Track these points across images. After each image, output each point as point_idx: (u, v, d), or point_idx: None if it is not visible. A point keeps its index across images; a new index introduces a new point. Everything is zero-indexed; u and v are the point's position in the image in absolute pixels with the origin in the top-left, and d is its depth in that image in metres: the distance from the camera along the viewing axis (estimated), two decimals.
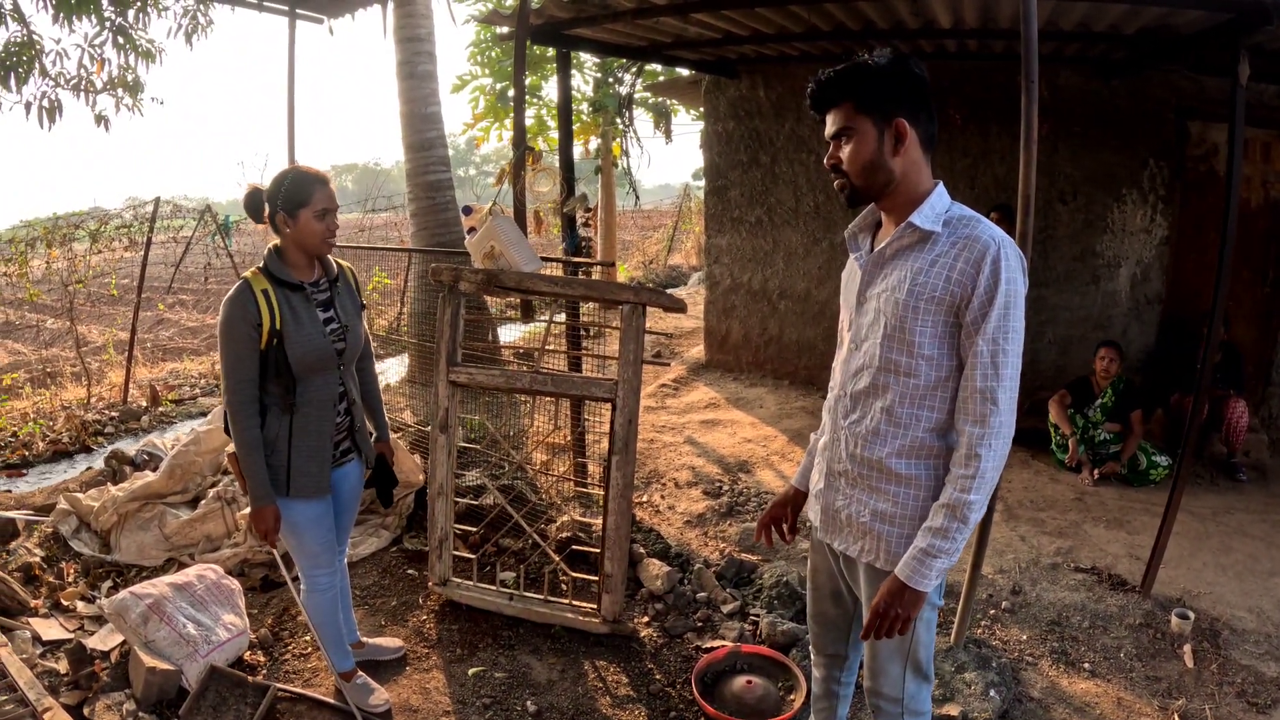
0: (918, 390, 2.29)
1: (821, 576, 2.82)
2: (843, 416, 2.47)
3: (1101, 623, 4.42)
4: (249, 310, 3.03)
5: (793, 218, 8.87)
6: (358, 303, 3.48)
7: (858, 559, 2.48)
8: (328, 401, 3.30)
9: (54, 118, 7.57)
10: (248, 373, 3.07)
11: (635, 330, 3.97)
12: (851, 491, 2.46)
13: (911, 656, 2.52)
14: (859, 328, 2.42)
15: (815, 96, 2.33)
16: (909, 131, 2.23)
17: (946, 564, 2.22)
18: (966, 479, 2.18)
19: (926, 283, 2.22)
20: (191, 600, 4.06)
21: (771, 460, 6.83)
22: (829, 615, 2.87)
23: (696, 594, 4.68)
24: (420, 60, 8.40)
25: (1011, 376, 2.17)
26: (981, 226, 2.21)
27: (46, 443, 8.10)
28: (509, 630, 4.32)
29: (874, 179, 2.27)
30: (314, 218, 3.10)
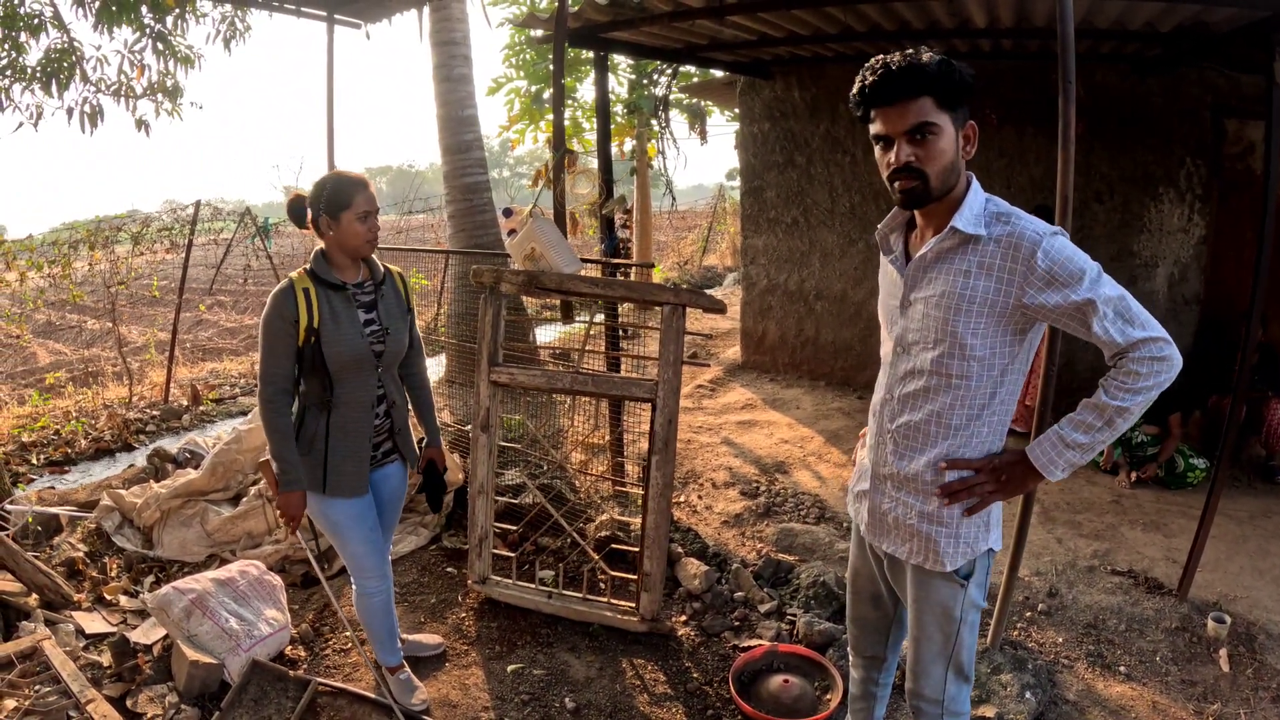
0: (970, 394, 2.28)
1: (862, 580, 2.83)
2: (889, 420, 2.46)
3: (1138, 626, 4.38)
4: (288, 308, 3.12)
5: (829, 218, 8.85)
6: (404, 307, 3.52)
7: (906, 560, 2.48)
8: (366, 402, 3.35)
9: (95, 122, 7.64)
10: (281, 367, 3.16)
11: (675, 331, 3.98)
12: (898, 495, 2.46)
13: (954, 658, 2.52)
14: (904, 331, 2.39)
15: (882, 86, 2.16)
16: (975, 134, 2.22)
17: (1080, 460, 2.21)
18: (1123, 390, 2.14)
19: (976, 285, 2.19)
20: (234, 595, 4.12)
21: (808, 461, 6.83)
22: (868, 618, 2.89)
23: (734, 593, 4.68)
24: (456, 64, 8.46)
25: (1141, 310, 2.14)
26: (1022, 223, 2.17)
27: (89, 440, 8.22)
28: (547, 628, 4.35)
29: (949, 180, 2.20)
30: (356, 220, 3.16)
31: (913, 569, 2.48)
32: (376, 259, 3.43)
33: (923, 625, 2.53)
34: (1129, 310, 2.12)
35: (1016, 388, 2.33)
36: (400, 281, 3.55)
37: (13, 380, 12.00)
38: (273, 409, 3.16)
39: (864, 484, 2.61)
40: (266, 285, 18.76)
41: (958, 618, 2.45)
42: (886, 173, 2.23)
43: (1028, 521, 3.89)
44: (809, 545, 5.29)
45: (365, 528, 3.46)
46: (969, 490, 2.31)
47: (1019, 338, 2.25)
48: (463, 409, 6.70)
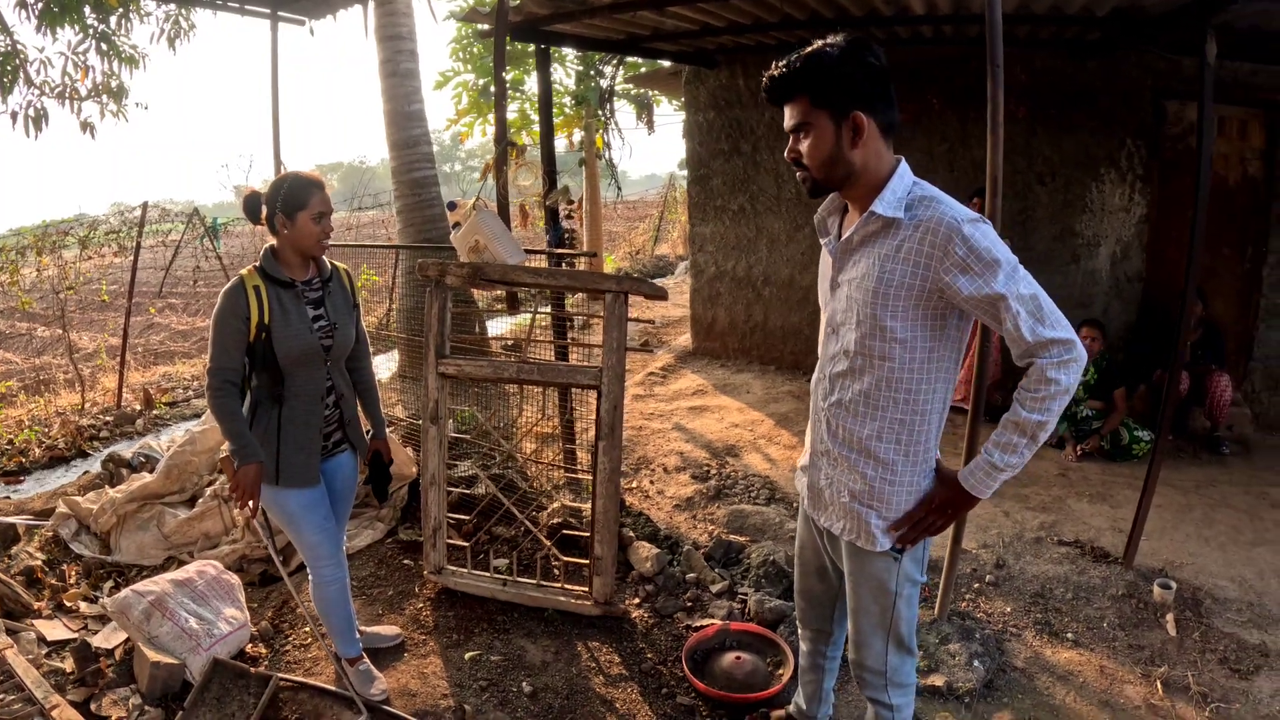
0: (893, 374, 2.36)
1: (808, 553, 2.94)
2: (822, 398, 2.58)
3: (1085, 594, 4.53)
4: (239, 304, 3.21)
5: (775, 205, 8.96)
6: (350, 303, 3.60)
7: (841, 537, 2.59)
8: (315, 395, 3.43)
9: (40, 126, 7.61)
10: (231, 360, 3.24)
11: (618, 318, 4.06)
12: (832, 471, 2.57)
13: (893, 631, 2.63)
14: (834, 313, 2.50)
15: (770, 89, 2.35)
16: (867, 124, 2.25)
17: (1007, 477, 2.32)
18: (1039, 400, 2.20)
19: (895, 269, 2.27)
20: (193, 595, 4.14)
21: (759, 444, 6.94)
22: (814, 591, 3.00)
23: (686, 575, 4.78)
24: (402, 58, 8.43)
25: (1052, 309, 2.20)
26: (943, 207, 2.23)
27: (43, 449, 8.14)
28: (503, 615, 4.42)
29: (834, 172, 2.31)
30: (311, 220, 3.25)
31: (847, 545, 2.59)
32: (325, 257, 3.50)
33: (860, 598, 2.64)
34: (1040, 309, 2.18)
35: (948, 372, 2.41)
36: (346, 278, 3.62)
37: None
38: (221, 395, 3.23)
39: (805, 459, 2.74)
40: (217, 286, 18.60)
41: (893, 591, 2.56)
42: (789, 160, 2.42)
43: None
44: (759, 526, 5.40)
45: (319, 516, 3.53)
46: (917, 530, 2.45)
47: (941, 322, 2.32)
48: (415, 403, 6.74)
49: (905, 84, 7.63)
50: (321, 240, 3.31)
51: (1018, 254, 2.23)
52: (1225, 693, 3.76)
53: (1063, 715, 3.65)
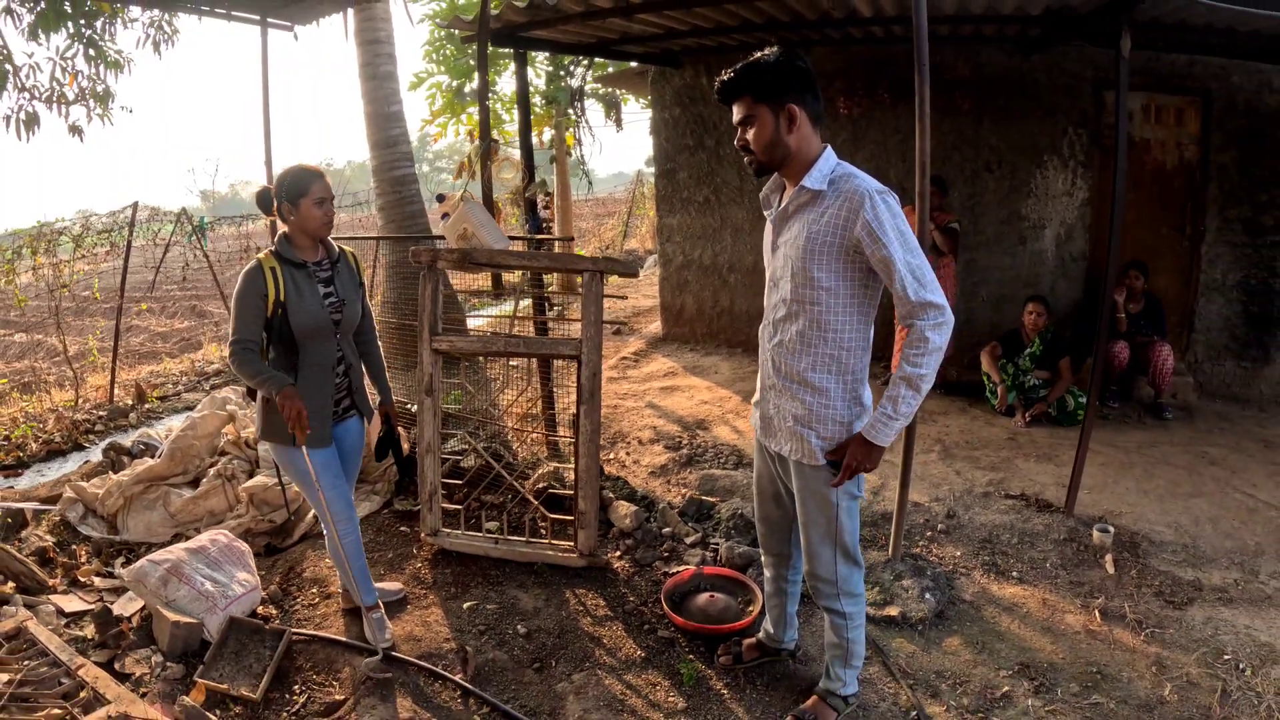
0: (822, 316, 2.88)
1: (764, 481, 3.42)
2: (767, 340, 3.11)
3: (1029, 539, 4.96)
4: (258, 283, 3.59)
5: (738, 196, 9.33)
6: (356, 281, 4.03)
7: (789, 457, 3.08)
8: (327, 365, 3.83)
9: (31, 130, 7.70)
10: (251, 331, 3.59)
11: (595, 295, 4.47)
12: (779, 401, 3.08)
13: (839, 541, 3.11)
14: (774, 270, 3.04)
15: (721, 92, 2.86)
16: (799, 113, 2.77)
17: (901, 425, 2.80)
18: (917, 355, 2.70)
19: (819, 231, 2.79)
20: (207, 561, 4.38)
21: (727, 418, 7.31)
22: (772, 517, 3.47)
23: (662, 530, 5.17)
24: (381, 61, 8.69)
25: (932, 278, 2.72)
26: (858, 180, 2.74)
27: (40, 443, 8.30)
28: (496, 570, 4.79)
29: (774, 154, 2.84)
30: (313, 205, 3.64)
31: (794, 464, 3.08)
32: (331, 241, 3.90)
33: (807, 511, 3.13)
34: (924, 277, 2.69)
35: (867, 317, 2.92)
36: (352, 259, 4.04)
37: None
38: (242, 356, 3.56)
39: (758, 394, 3.26)
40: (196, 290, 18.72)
41: (834, 502, 3.05)
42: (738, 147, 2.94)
43: (911, 446, 4.44)
44: (728, 487, 5.79)
45: (332, 474, 3.89)
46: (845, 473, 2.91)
47: (862, 275, 2.82)
48: (401, 389, 7.04)
49: (859, 80, 8.14)
50: (324, 223, 3.70)
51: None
52: (1160, 620, 4.13)
53: (1008, 640, 4.02)
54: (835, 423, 2.96)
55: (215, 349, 12.95)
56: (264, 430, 3.82)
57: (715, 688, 3.76)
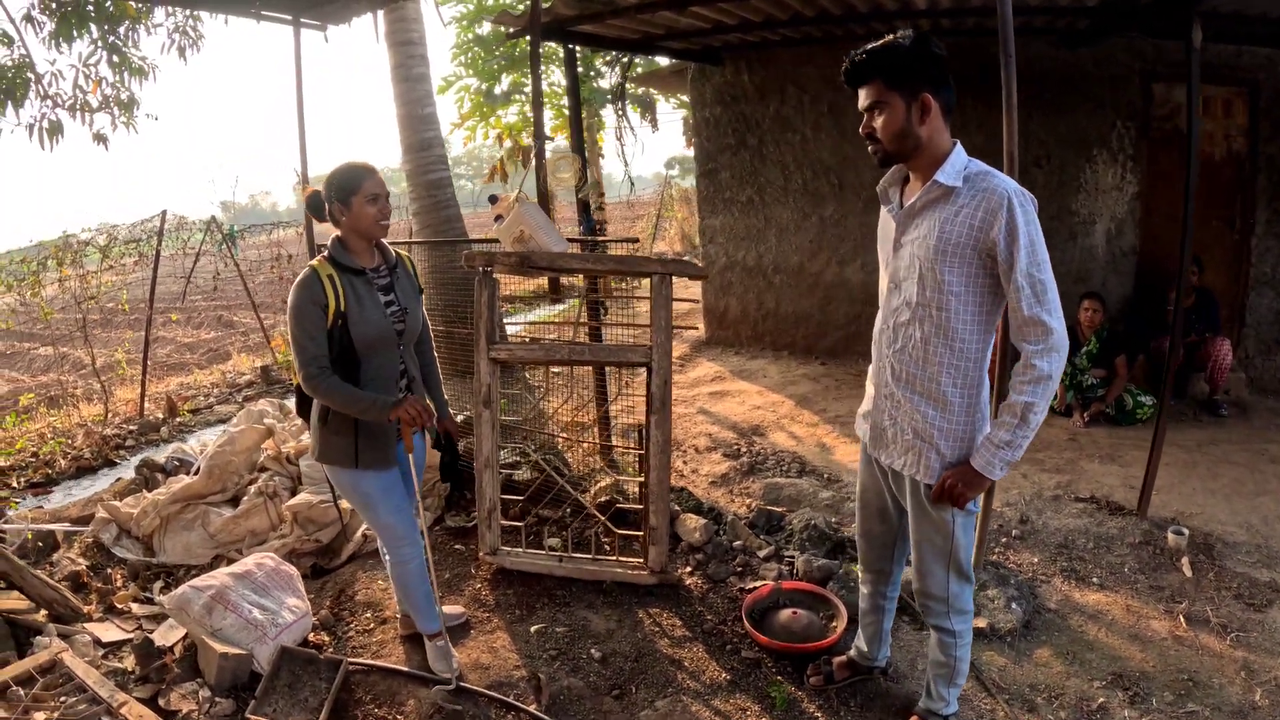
0: (949, 322, 2.66)
1: (869, 494, 3.23)
2: (887, 346, 2.88)
3: (1104, 543, 4.81)
4: (316, 292, 3.26)
5: (782, 195, 9.18)
6: (416, 287, 3.72)
7: (903, 472, 2.89)
8: (390, 379, 3.52)
9: (55, 138, 7.58)
10: (320, 348, 3.27)
11: (664, 298, 4.22)
12: (895, 412, 2.88)
13: (953, 559, 2.92)
14: (896, 270, 2.81)
15: (849, 74, 2.65)
16: (933, 103, 2.57)
17: (1011, 457, 2.61)
18: (1025, 383, 2.54)
19: (952, 231, 2.58)
20: (253, 587, 4.17)
21: (782, 424, 7.13)
22: (875, 532, 3.28)
23: (733, 543, 4.94)
24: (414, 63, 8.53)
25: (1053, 299, 2.52)
26: (996, 180, 2.54)
27: (69, 460, 8.14)
28: (562, 590, 4.55)
29: (903, 145, 2.63)
30: (365, 202, 3.33)
31: (909, 481, 2.89)
32: (387, 244, 3.61)
33: (923, 531, 2.93)
34: (1043, 292, 2.50)
35: (992, 328, 2.74)
36: (410, 264, 3.74)
37: None
38: (323, 380, 3.26)
39: (869, 405, 3.04)
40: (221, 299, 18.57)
41: (950, 520, 2.85)
42: (863, 135, 2.73)
43: None
44: (794, 496, 5.59)
45: (396, 497, 3.62)
46: (946, 496, 2.74)
47: (992, 282, 2.62)
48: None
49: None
50: (379, 221, 3.38)
51: None
52: (1243, 623, 4.02)
53: (1097, 649, 3.88)
54: (956, 438, 2.76)
55: (246, 359, 12.83)
56: (321, 452, 3.54)
57: (808, 710, 3.57)
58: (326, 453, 3.50)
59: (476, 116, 12.78)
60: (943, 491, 2.74)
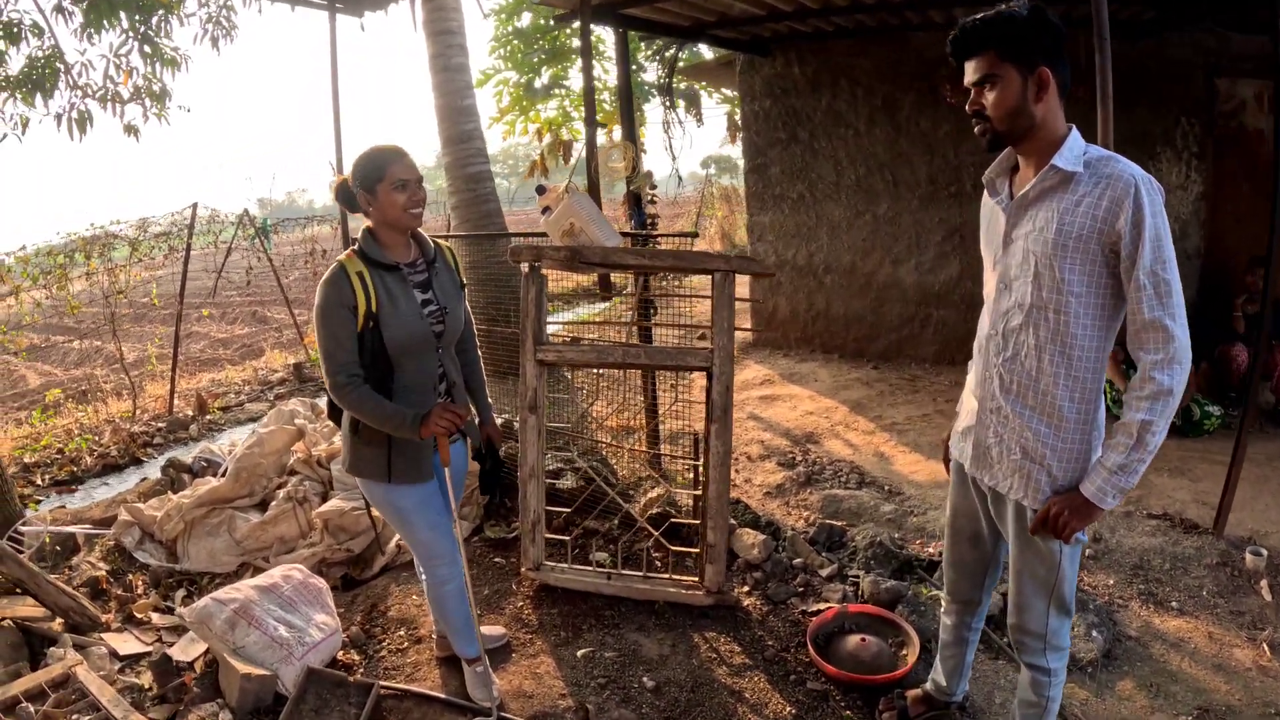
0: (1068, 327, 2.38)
1: (962, 519, 2.93)
2: (995, 354, 2.59)
3: (1181, 564, 4.54)
4: (344, 292, 2.96)
5: (834, 192, 8.95)
6: (457, 283, 3.38)
7: (1007, 495, 2.59)
8: (427, 385, 3.22)
9: (84, 128, 7.48)
10: (348, 353, 2.99)
11: (727, 298, 3.92)
12: (1002, 429, 2.58)
13: (1056, 593, 2.65)
14: (1006, 268, 2.53)
15: (957, 43, 2.41)
16: (1050, 80, 2.31)
17: (1126, 484, 2.33)
18: (1142, 400, 2.26)
19: (1074, 223, 2.30)
20: (280, 602, 3.95)
21: (837, 430, 6.88)
22: (967, 560, 2.99)
23: (792, 560, 4.65)
24: (453, 53, 8.37)
25: (1178, 303, 2.25)
26: (1121, 165, 2.27)
27: (95, 457, 8.02)
28: (610, 610, 4.25)
29: (1016, 124, 2.36)
30: (392, 189, 3.01)
31: (1014, 505, 2.59)
32: (425, 235, 3.29)
33: (1025, 560, 2.64)
34: (1166, 293, 2.24)
35: (1113, 333, 2.45)
36: (451, 256, 3.42)
37: (3, 404, 11.75)
38: (352, 390, 2.99)
39: (970, 420, 2.74)
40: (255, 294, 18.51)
41: (1058, 551, 2.55)
42: (970, 113, 2.46)
43: None
44: (855, 510, 5.33)
45: (432, 512, 3.33)
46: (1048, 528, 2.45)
47: (1115, 281, 2.34)
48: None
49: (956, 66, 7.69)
50: (410, 209, 3.05)
51: None
52: None
53: (1181, 681, 3.65)
54: (1069, 458, 2.47)
55: (279, 356, 12.72)
56: (352, 464, 3.24)
57: None
58: (358, 465, 3.21)
59: (516, 110, 12.61)
60: (1046, 521, 2.44)
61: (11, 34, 7.04)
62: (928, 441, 6.40)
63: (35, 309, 9.18)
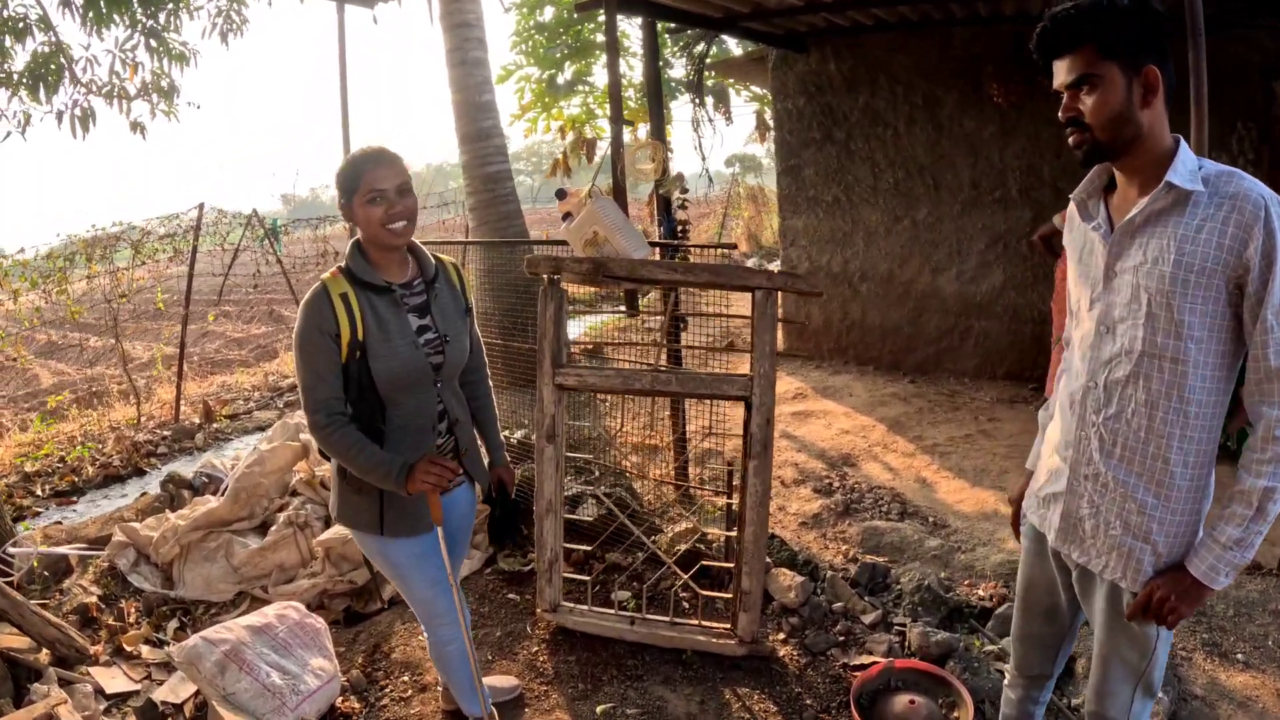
0: (1185, 379, 2.02)
1: (1037, 592, 2.55)
2: (1094, 412, 2.20)
3: (1245, 610, 4.22)
4: (325, 317, 2.59)
5: (872, 196, 8.61)
6: (462, 305, 2.98)
7: (1099, 574, 2.22)
8: (424, 425, 2.83)
9: (87, 126, 7.25)
10: (329, 388, 2.62)
11: (769, 319, 3.56)
12: (1100, 499, 2.19)
13: (1145, 678, 2.30)
14: (1109, 307, 2.16)
15: (1046, 38, 2.05)
16: (1159, 81, 1.97)
17: (1241, 559, 2.00)
18: (1264, 464, 1.95)
19: (1195, 252, 1.94)
20: (273, 645, 3.66)
21: (875, 452, 6.53)
22: (1040, 635, 2.64)
23: (832, 604, 4.27)
24: (471, 47, 8.08)
25: None
26: (1246, 182, 1.93)
27: (96, 467, 7.80)
28: (633, 658, 3.89)
29: (1121, 133, 2.00)
30: (365, 202, 2.60)
31: (1108, 585, 2.22)
32: (425, 250, 2.90)
33: (1114, 646, 2.30)
34: None
35: (1231, 386, 2.09)
36: (455, 274, 3.01)
37: (15, 404, 11.63)
38: (332, 431, 2.61)
39: (1056, 485, 2.33)
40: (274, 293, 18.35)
41: (1154, 636, 2.21)
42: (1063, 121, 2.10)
43: None
44: (897, 544, 4.96)
45: (432, 568, 2.92)
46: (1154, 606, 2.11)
47: (1237, 324, 2.00)
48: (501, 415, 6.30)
49: (1014, 64, 7.40)
50: (389, 224, 2.61)
51: None
52: None
53: None
54: (1175, 532, 2.11)
55: (291, 360, 12.30)
56: (340, 512, 2.88)
57: None
58: (346, 513, 2.85)
59: (538, 108, 12.38)
60: (1148, 606, 2.08)
61: (16, 30, 6.78)
62: (972, 466, 6.01)
63: (35, 313, 8.95)
